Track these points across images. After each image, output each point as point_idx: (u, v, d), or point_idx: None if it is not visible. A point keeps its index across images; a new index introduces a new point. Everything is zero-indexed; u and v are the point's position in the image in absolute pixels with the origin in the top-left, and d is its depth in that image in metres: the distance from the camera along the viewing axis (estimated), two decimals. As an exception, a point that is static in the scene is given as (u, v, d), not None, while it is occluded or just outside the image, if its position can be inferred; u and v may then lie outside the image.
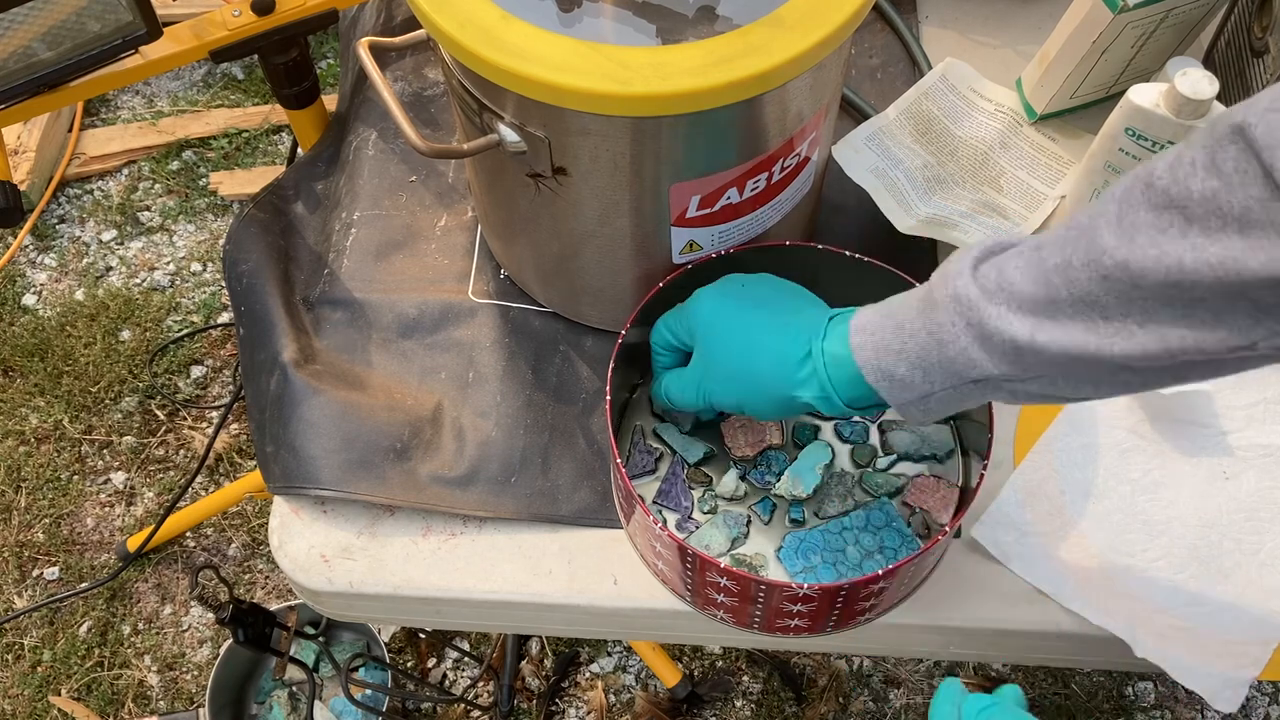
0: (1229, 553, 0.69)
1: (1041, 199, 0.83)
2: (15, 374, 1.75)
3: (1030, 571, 0.69)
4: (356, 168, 0.87)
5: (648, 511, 0.61)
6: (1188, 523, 0.70)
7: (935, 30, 0.95)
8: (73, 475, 1.67)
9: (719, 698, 1.47)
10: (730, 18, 0.62)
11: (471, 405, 0.76)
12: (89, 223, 1.92)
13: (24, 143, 1.90)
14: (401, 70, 0.93)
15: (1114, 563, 0.69)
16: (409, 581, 0.71)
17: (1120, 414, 0.74)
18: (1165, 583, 0.68)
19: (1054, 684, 1.47)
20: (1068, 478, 0.72)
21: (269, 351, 0.77)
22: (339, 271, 0.82)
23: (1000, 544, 0.69)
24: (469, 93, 0.63)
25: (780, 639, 0.67)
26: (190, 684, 1.51)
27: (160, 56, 0.83)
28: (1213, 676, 0.65)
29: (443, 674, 1.51)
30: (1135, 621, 0.66)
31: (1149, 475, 0.72)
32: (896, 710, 1.46)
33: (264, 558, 1.60)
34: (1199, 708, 1.46)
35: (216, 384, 1.75)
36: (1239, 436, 0.73)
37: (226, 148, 1.98)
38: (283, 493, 0.73)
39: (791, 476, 0.71)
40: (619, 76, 0.55)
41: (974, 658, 0.87)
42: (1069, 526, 0.70)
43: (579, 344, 0.78)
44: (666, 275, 0.70)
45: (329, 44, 2.11)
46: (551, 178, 0.64)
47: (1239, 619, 0.67)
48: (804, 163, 0.69)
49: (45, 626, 1.55)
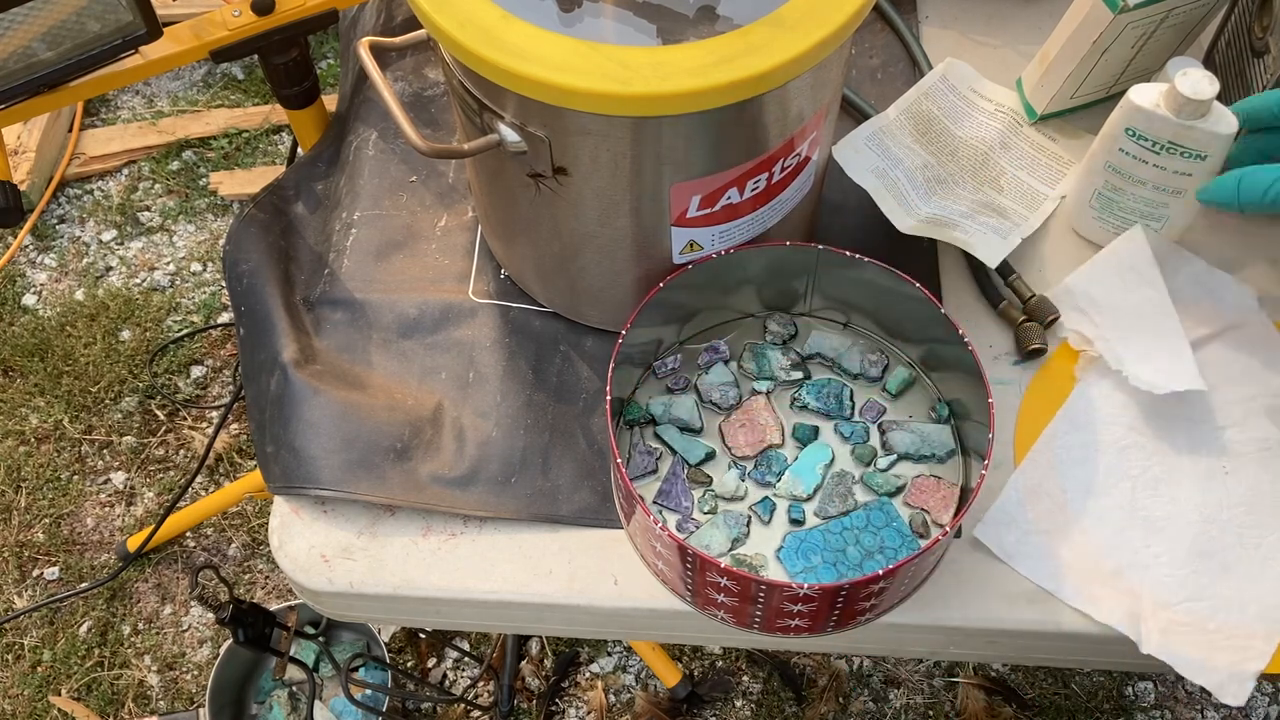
0: (1230, 547, 0.69)
1: (1042, 199, 0.83)
2: (15, 374, 1.75)
3: (1034, 571, 0.69)
4: (357, 168, 0.87)
5: (648, 511, 0.61)
6: (1188, 518, 0.70)
7: (935, 30, 0.95)
8: (73, 475, 1.67)
9: (719, 698, 1.48)
10: (730, 18, 0.62)
11: (472, 405, 0.76)
12: (89, 223, 1.92)
13: (24, 143, 1.90)
14: (401, 70, 0.93)
15: (1116, 560, 0.69)
16: (409, 581, 0.71)
17: (1119, 411, 0.74)
18: (1168, 579, 0.68)
19: (1054, 684, 1.47)
20: (1068, 476, 0.72)
21: (269, 351, 0.77)
22: (339, 271, 0.82)
23: (1003, 544, 0.69)
24: (469, 93, 0.63)
25: (780, 639, 0.67)
26: (190, 684, 1.51)
27: (160, 56, 0.83)
28: (1218, 671, 0.65)
29: (443, 674, 1.51)
30: (1139, 618, 0.67)
31: (1149, 472, 0.72)
32: (896, 710, 1.46)
33: (264, 558, 1.60)
34: (1199, 708, 1.46)
35: (216, 384, 1.75)
36: (1237, 431, 0.73)
37: (226, 148, 1.98)
38: (283, 493, 0.73)
39: (791, 476, 0.71)
40: (619, 76, 0.56)
41: (974, 658, 0.87)
42: (1071, 525, 0.70)
43: (579, 344, 0.78)
44: (667, 275, 0.70)
45: (329, 44, 2.11)
46: (552, 178, 0.64)
47: (1243, 613, 0.67)
48: (804, 163, 0.69)
49: (45, 626, 1.55)
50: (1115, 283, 0.77)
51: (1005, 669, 1.48)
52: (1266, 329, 0.76)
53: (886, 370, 0.75)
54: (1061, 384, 0.75)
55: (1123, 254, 0.78)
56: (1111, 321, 0.75)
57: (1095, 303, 0.76)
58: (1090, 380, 0.75)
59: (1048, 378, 0.76)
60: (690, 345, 0.77)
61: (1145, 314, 0.76)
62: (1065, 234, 0.83)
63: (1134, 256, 0.78)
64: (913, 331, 0.73)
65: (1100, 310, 0.76)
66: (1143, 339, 0.74)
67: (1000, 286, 0.80)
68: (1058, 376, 0.76)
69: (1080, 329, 0.76)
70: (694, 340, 0.77)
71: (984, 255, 0.76)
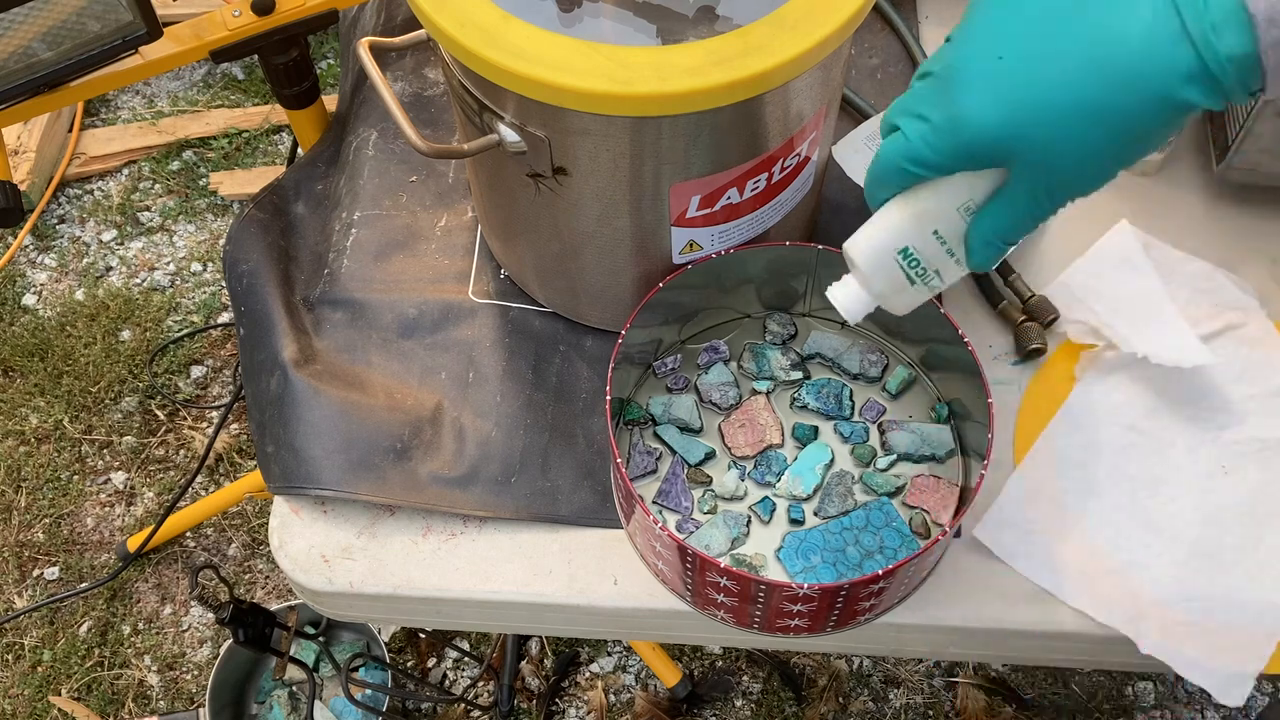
0: (1230, 547, 0.69)
1: (1041, 199, 0.83)
2: (15, 374, 1.75)
3: (1034, 571, 0.69)
4: (356, 168, 0.87)
5: (648, 511, 0.61)
6: (1188, 518, 0.70)
7: (935, 30, 0.95)
8: (73, 475, 1.67)
9: (719, 698, 1.48)
10: (730, 18, 0.62)
11: (471, 405, 0.76)
12: (89, 223, 1.92)
13: (24, 143, 1.90)
14: (401, 70, 0.93)
15: (1116, 560, 0.69)
16: (409, 581, 0.71)
17: (1118, 411, 0.74)
18: (1168, 579, 0.68)
19: (1054, 684, 1.47)
20: (1068, 476, 0.72)
21: (269, 351, 0.77)
22: (339, 271, 0.82)
23: (1003, 544, 0.69)
24: (469, 93, 0.63)
25: (780, 639, 0.67)
26: (190, 684, 1.51)
27: (160, 56, 0.83)
28: (1218, 672, 0.65)
29: (443, 674, 1.51)
30: (1139, 618, 0.67)
31: (1149, 472, 0.72)
32: (896, 710, 1.46)
33: (264, 558, 1.60)
34: (1199, 708, 1.46)
35: (216, 384, 1.75)
36: (1237, 431, 0.73)
37: (226, 148, 1.98)
38: (283, 493, 0.73)
39: (791, 476, 0.71)
40: (619, 76, 0.55)
41: (974, 658, 0.87)
42: (1071, 525, 0.70)
43: (579, 344, 0.78)
44: (666, 275, 0.70)
45: (329, 44, 2.11)
46: (551, 178, 0.64)
47: (1243, 613, 0.67)
48: (804, 163, 0.69)
49: (45, 626, 1.55)
50: (1111, 275, 0.78)
51: (1005, 669, 1.48)
52: (1267, 329, 0.76)
53: (886, 370, 0.75)
54: (1061, 384, 0.75)
55: (1114, 248, 0.79)
56: (1114, 309, 0.76)
57: (1096, 292, 0.77)
58: (1090, 380, 0.75)
59: (1047, 378, 0.76)
60: (690, 345, 0.77)
61: (1143, 302, 0.76)
62: (1065, 234, 0.83)
63: (1125, 249, 0.78)
64: (912, 331, 0.73)
65: (1101, 299, 0.76)
66: (1146, 324, 0.75)
67: (1000, 286, 0.80)
68: (1057, 377, 0.76)
69: (1084, 319, 0.76)
70: (694, 340, 0.77)
71: (984, 255, 0.76)
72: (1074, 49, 0.41)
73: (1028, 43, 0.42)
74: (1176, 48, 0.39)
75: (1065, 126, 0.42)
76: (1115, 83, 0.40)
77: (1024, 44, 0.42)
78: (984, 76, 0.43)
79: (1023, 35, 0.42)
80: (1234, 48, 0.39)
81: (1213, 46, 0.39)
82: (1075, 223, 0.83)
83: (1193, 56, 0.39)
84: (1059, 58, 0.41)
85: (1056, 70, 0.41)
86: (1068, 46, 0.41)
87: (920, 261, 0.52)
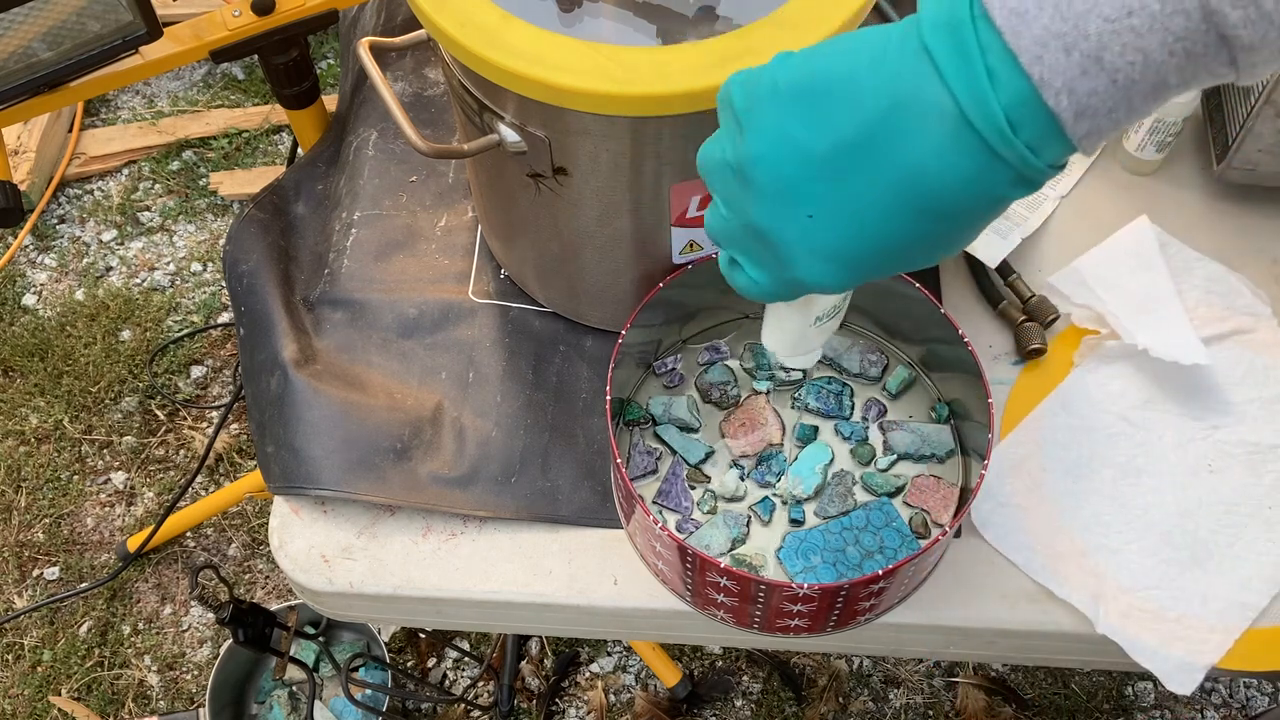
0: (1203, 542, 0.70)
1: (1041, 199, 0.83)
2: (15, 374, 1.75)
3: (1002, 541, 0.69)
4: (356, 168, 0.87)
5: (648, 511, 0.61)
6: (1166, 510, 0.71)
7: (935, 30, 0.95)
8: (73, 475, 1.67)
9: (719, 698, 1.48)
10: (730, 18, 0.62)
11: (472, 405, 0.76)
12: (89, 223, 1.92)
13: (24, 143, 1.90)
14: (401, 70, 0.93)
15: (1086, 541, 0.69)
16: (409, 581, 0.71)
17: (1113, 398, 0.74)
18: (1135, 565, 0.69)
19: (1054, 684, 1.47)
20: (1051, 455, 0.72)
21: (269, 351, 0.77)
22: (339, 271, 0.82)
23: (976, 511, 0.70)
24: (469, 93, 0.63)
25: (780, 639, 0.67)
26: (190, 684, 1.51)
27: (160, 56, 0.83)
28: (1170, 659, 0.66)
29: (443, 674, 1.51)
30: (1100, 599, 0.67)
31: (1133, 461, 0.72)
32: (896, 710, 1.46)
33: (264, 558, 1.60)
34: (1199, 708, 1.46)
35: (216, 384, 1.75)
36: (1229, 432, 0.73)
37: (226, 148, 1.98)
38: (283, 493, 0.73)
39: (791, 476, 0.71)
40: (619, 76, 0.55)
41: (974, 658, 0.87)
42: (1047, 503, 0.71)
43: (579, 344, 0.78)
44: (666, 275, 0.70)
45: (329, 44, 2.11)
46: (551, 178, 0.64)
47: (1206, 606, 0.67)
48: (804, 163, 0.68)
49: (45, 626, 1.55)
50: (1122, 266, 0.78)
51: (1005, 669, 1.48)
52: (1276, 336, 0.76)
53: (886, 370, 0.75)
54: (1058, 368, 0.76)
55: (1130, 241, 0.79)
56: (1121, 299, 0.76)
57: (1104, 280, 0.77)
58: (1088, 366, 0.75)
59: (1044, 361, 0.76)
60: (690, 345, 0.77)
61: (1151, 296, 0.76)
62: (1065, 234, 0.83)
63: (1141, 244, 0.78)
64: (912, 331, 0.73)
65: (1108, 288, 0.77)
66: (1149, 317, 0.75)
67: (1000, 286, 0.80)
68: (1055, 361, 0.76)
69: (1089, 304, 0.76)
70: (694, 340, 0.77)
71: (984, 255, 0.76)
72: (880, 195, 0.39)
73: (831, 194, 0.40)
74: (993, 170, 0.38)
75: (897, 259, 0.42)
76: (932, 213, 0.39)
77: (827, 197, 0.40)
78: (803, 240, 0.42)
79: (820, 185, 0.40)
80: (1056, 157, 0.38)
81: (1030, 163, 0.37)
82: (1076, 223, 0.83)
83: (1011, 173, 0.38)
84: (870, 207, 0.40)
85: (873, 220, 0.40)
86: (872, 193, 0.39)
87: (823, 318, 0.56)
